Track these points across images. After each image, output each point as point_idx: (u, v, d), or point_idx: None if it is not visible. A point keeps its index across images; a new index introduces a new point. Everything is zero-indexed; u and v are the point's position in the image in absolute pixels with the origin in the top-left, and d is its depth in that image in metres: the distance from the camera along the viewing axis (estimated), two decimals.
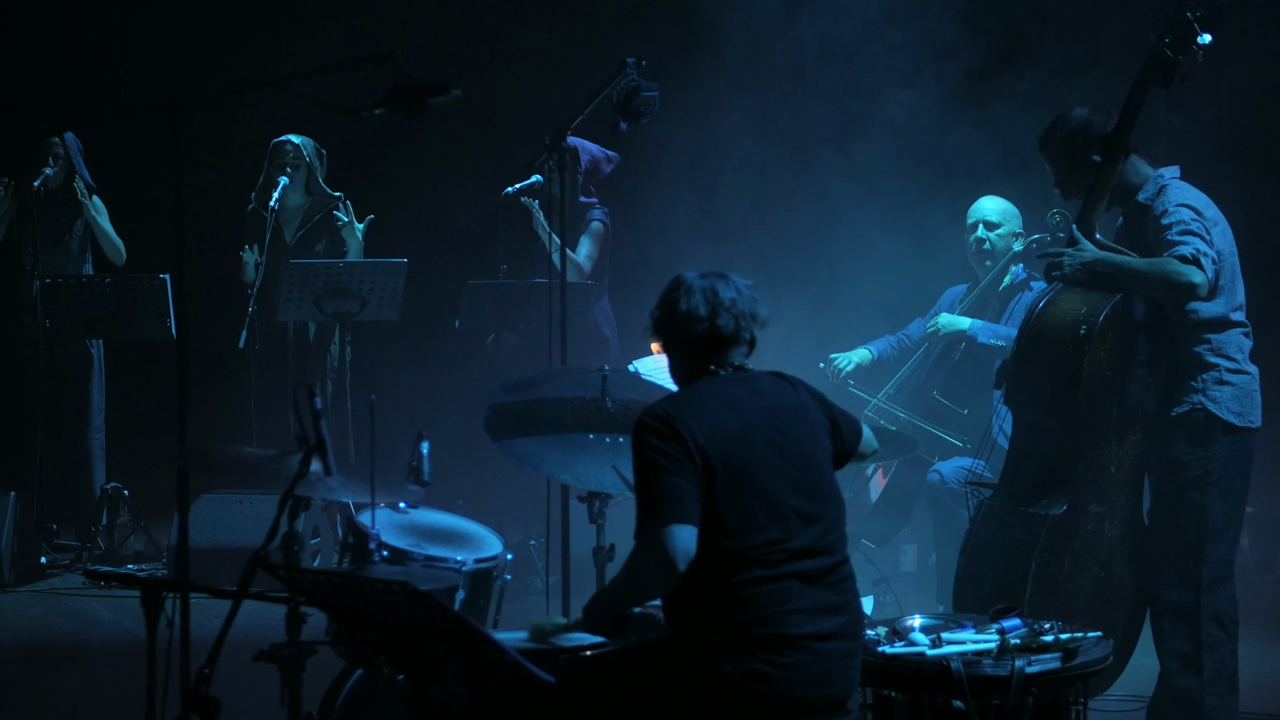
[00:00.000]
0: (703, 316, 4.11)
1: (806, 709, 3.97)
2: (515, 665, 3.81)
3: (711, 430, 3.99)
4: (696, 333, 4.13)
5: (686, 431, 3.96)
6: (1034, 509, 5.42)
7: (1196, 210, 5.36)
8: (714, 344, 4.14)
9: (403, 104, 4.38)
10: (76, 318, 8.36)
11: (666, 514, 3.91)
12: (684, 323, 4.14)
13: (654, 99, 5.84)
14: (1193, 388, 5.40)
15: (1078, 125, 5.55)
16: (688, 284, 4.17)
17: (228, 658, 3.90)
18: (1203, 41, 5.36)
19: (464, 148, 9.51)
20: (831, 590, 4.03)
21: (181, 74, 9.02)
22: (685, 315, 4.13)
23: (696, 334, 4.13)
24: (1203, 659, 5.37)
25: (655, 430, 3.98)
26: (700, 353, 4.15)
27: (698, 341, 4.14)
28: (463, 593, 4.68)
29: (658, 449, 3.96)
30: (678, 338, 4.18)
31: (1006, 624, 4.47)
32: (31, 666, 6.97)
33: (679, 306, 4.14)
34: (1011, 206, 7.44)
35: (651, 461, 3.96)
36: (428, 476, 4.79)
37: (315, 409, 4.14)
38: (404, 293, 8.28)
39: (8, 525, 8.09)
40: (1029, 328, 5.52)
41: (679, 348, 4.20)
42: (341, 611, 4.08)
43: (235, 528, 7.84)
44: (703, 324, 4.12)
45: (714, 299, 4.13)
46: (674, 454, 3.94)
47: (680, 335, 4.17)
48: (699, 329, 4.12)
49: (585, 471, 5.08)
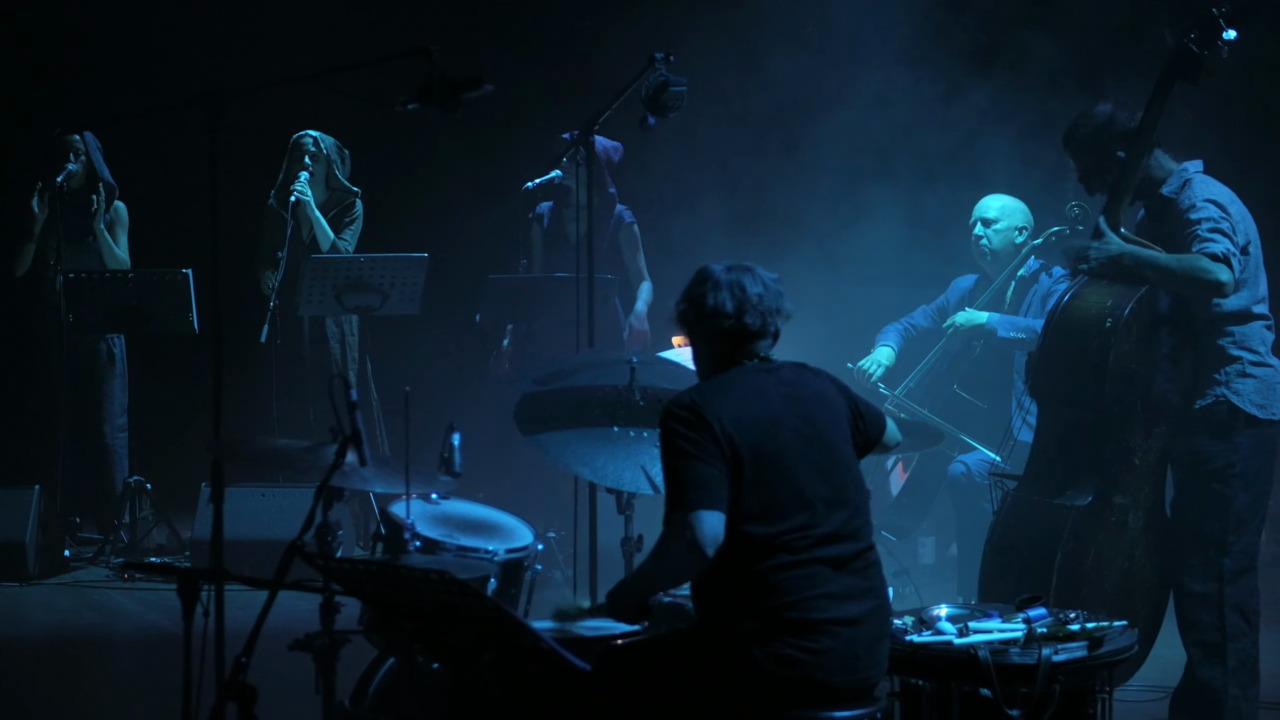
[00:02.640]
0: (729, 313, 4.13)
1: (835, 694, 4.01)
2: (552, 653, 3.85)
3: (738, 419, 4.02)
4: (723, 329, 4.15)
5: (714, 420, 4.00)
6: (1059, 500, 5.45)
7: (1222, 206, 5.39)
8: (740, 339, 4.16)
9: (436, 99, 4.42)
10: (99, 313, 8.41)
11: (694, 499, 3.95)
12: (710, 318, 4.16)
13: (682, 94, 5.86)
14: (1216, 380, 5.44)
15: (1103, 120, 5.57)
16: (714, 278, 4.19)
17: (261, 647, 3.92)
18: (1228, 37, 5.38)
19: (484, 141, 9.54)
20: (858, 576, 4.07)
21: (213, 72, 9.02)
22: (712, 311, 4.15)
23: (723, 330, 4.16)
24: (1226, 649, 5.41)
25: (683, 419, 4.02)
26: (726, 347, 4.18)
27: (724, 337, 4.17)
28: (494, 582, 4.71)
29: (685, 437, 4.00)
30: (704, 331, 4.21)
31: (1032, 613, 4.50)
32: (59, 658, 7.03)
33: (705, 302, 4.16)
34: (1014, 203, 7.45)
35: (679, 449, 4.00)
36: (459, 467, 4.82)
37: (351, 400, 4.17)
38: (424, 287, 8.34)
39: (32, 519, 8.16)
40: (1055, 320, 5.55)
41: (705, 341, 4.23)
42: (379, 600, 4.12)
43: (258, 521, 7.89)
44: (729, 320, 4.14)
45: (740, 295, 4.15)
46: (702, 441, 3.98)
47: (706, 330, 4.20)
48: (725, 325, 4.15)
49: (607, 467, 5.11)
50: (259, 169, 8.79)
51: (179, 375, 9.01)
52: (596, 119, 5.92)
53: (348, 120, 8.85)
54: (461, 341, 9.32)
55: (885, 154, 8.71)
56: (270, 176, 8.75)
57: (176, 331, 8.42)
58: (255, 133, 8.27)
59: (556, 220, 8.39)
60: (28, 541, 8.12)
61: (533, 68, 9.41)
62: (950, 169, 8.44)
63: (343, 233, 8.62)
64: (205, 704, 4.09)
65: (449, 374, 9.51)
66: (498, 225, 8.87)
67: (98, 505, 8.86)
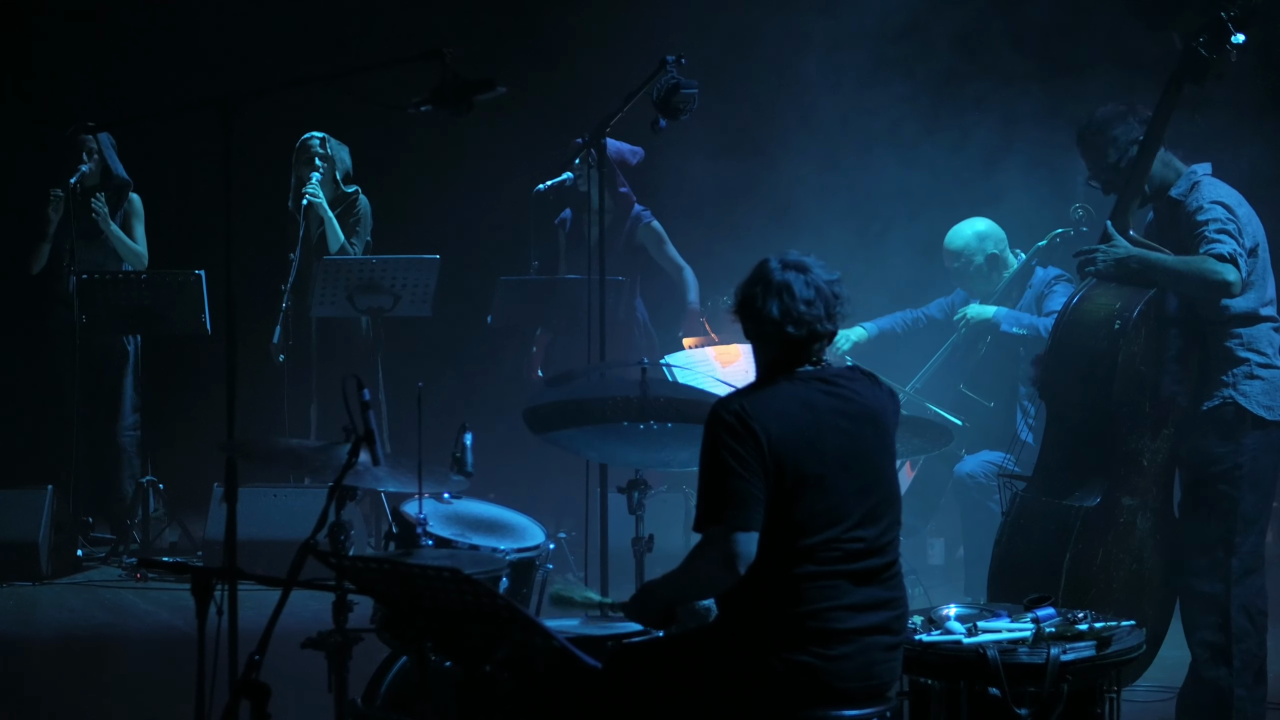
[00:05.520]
0: (775, 320, 4.09)
1: (848, 698, 4.03)
2: (563, 651, 3.88)
3: (784, 430, 4.00)
4: (768, 333, 4.12)
5: (760, 429, 3.98)
6: (1068, 501, 5.47)
7: (1229, 208, 5.42)
8: (784, 346, 4.12)
9: (449, 101, 4.45)
10: (112, 313, 8.44)
11: (734, 519, 3.96)
12: (757, 319, 4.13)
13: (694, 96, 5.87)
14: (1223, 382, 5.46)
15: (1114, 122, 5.60)
16: (765, 279, 4.12)
17: (273, 645, 3.94)
18: (1236, 41, 5.40)
19: (495, 144, 9.57)
20: (881, 586, 4.08)
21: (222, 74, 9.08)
22: (759, 313, 4.12)
23: (768, 334, 4.12)
24: (1232, 650, 5.43)
25: (729, 427, 3.99)
26: (774, 352, 4.15)
27: (769, 341, 4.14)
28: (506, 581, 4.73)
29: (730, 449, 3.98)
30: (754, 332, 4.17)
31: (1041, 613, 4.52)
32: (72, 657, 7.08)
33: (755, 302, 4.13)
34: (975, 230, 7.44)
35: (723, 460, 3.98)
36: (470, 467, 4.85)
37: (364, 400, 4.20)
38: (436, 289, 8.37)
39: (45, 518, 8.21)
40: (1064, 321, 5.58)
41: (755, 340, 4.20)
42: (392, 599, 4.14)
43: (269, 521, 7.92)
44: (773, 327, 4.10)
45: (788, 302, 4.09)
46: (746, 455, 3.97)
47: (755, 330, 4.16)
48: (768, 330, 4.11)
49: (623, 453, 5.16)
50: (273, 170, 8.81)
51: (190, 376, 9.03)
52: (608, 122, 5.94)
53: (358, 122, 8.88)
54: (471, 344, 9.35)
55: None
56: (281, 178, 8.77)
57: (189, 332, 8.44)
58: (266, 135, 8.29)
59: (576, 224, 8.42)
60: (40, 541, 8.16)
61: (543, 69, 9.43)
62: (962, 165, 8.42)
63: (351, 238, 8.63)
64: (218, 702, 4.13)
65: (457, 376, 9.54)
66: (510, 227, 8.89)
67: (108, 505, 8.89)
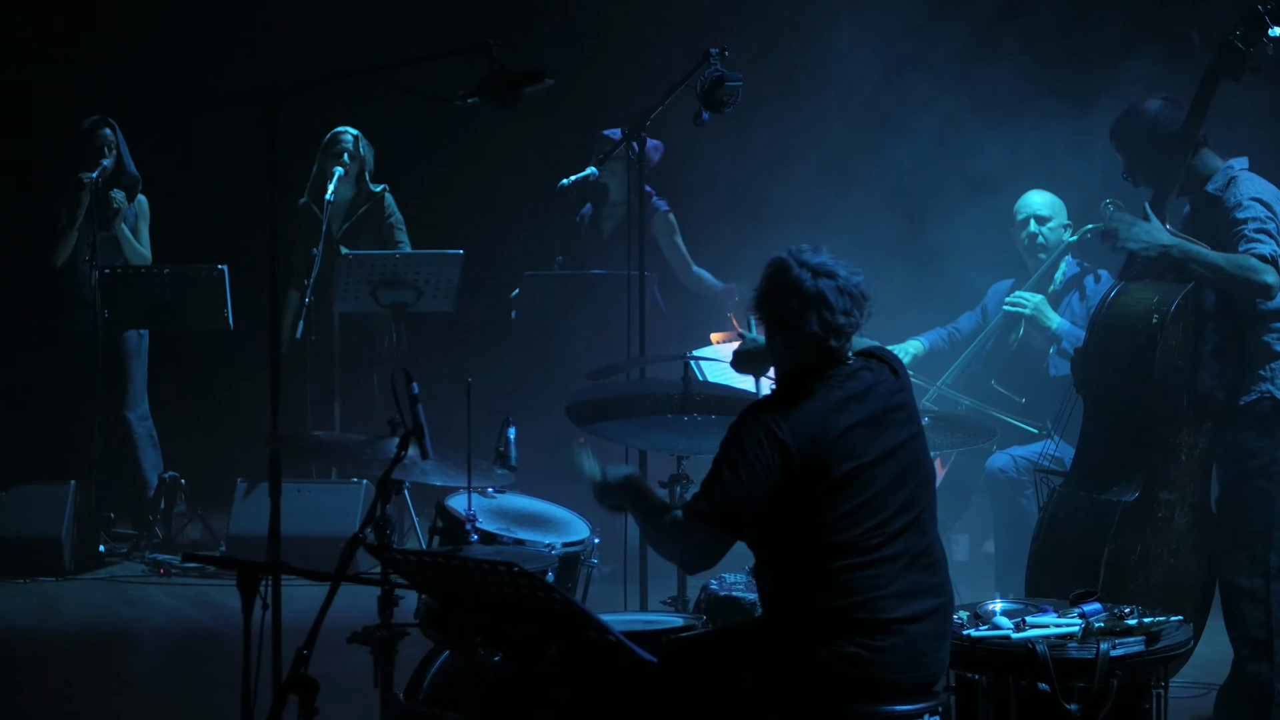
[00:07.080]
0: (816, 335, 4.07)
1: (896, 691, 4.02)
2: (619, 646, 3.87)
3: (815, 435, 4.00)
4: (805, 344, 4.10)
5: (789, 440, 3.98)
6: (1106, 496, 5.46)
7: (1268, 205, 5.41)
8: (821, 354, 4.11)
9: (496, 93, 4.44)
10: (135, 308, 8.43)
11: (722, 522, 4.02)
12: (778, 318, 4.12)
13: (738, 89, 5.85)
14: (1260, 376, 5.45)
15: (1150, 116, 5.59)
16: (798, 291, 4.07)
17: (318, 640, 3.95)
18: (1273, 34, 5.40)
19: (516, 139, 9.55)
20: (925, 572, 4.08)
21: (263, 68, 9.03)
22: (780, 312, 4.10)
23: (804, 344, 4.10)
24: (1273, 644, 5.42)
25: (755, 436, 4.00)
26: (800, 355, 4.13)
27: (803, 348, 4.11)
28: (552, 576, 4.72)
29: (750, 455, 3.98)
30: (787, 339, 4.14)
31: (1088, 608, 4.51)
32: (96, 653, 7.07)
33: (776, 300, 4.11)
34: (1057, 199, 7.47)
35: (736, 462, 3.99)
36: (514, 461, 4.85)
37: (413, 394, 4.20)
38: (459, 284, 8.35)
39: (68, 514, 8.20)
40: (1101, 317, 5.57)
41: (785, 346, 4.17)
42: (442, 592, 4.12)
43: (294, 517, 7.77)
44: (813, 341, 4.08)
45: (827, 317, 4.06)
46: (761, 466, 3.97)
47: (789, 338, 4.13)
48: (807, 343, 4.10)
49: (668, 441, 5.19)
50: (303, 165, 8.78)
51: (209, 371, 9.02)
52: (649, 115, 5.91)
53: (383, 116, 8.86)
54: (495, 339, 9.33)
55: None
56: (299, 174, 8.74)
57: (212, 327, 8.44)
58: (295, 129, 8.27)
59: (594, 219, 8.41)
60: (63, 537, 8.15)
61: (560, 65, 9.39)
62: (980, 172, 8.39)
63: (395, 234, 8.63)
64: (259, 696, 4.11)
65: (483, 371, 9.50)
66: (534, 222, 8.87)
67: (127, 498, 8.87)
